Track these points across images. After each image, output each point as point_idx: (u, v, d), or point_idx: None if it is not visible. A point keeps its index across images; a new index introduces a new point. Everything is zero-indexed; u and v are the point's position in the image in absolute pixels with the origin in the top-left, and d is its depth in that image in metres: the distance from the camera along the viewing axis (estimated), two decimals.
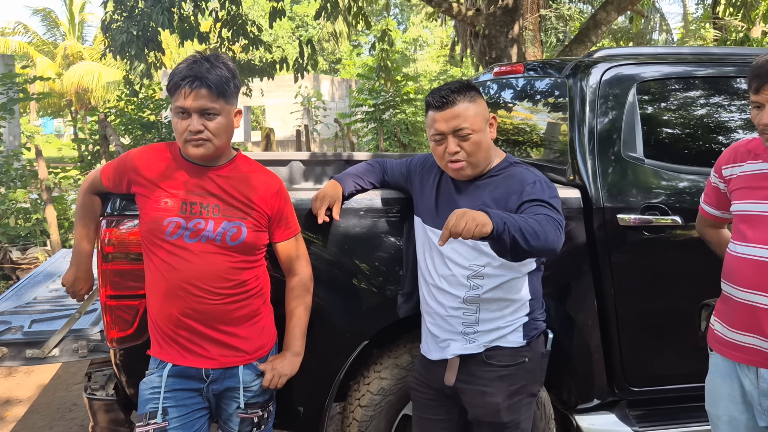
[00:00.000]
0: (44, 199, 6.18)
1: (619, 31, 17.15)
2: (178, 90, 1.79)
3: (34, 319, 2.58)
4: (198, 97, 1.78)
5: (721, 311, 1.92)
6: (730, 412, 1.87)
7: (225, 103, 1.83)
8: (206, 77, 1.78)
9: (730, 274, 1.86)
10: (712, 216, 2.08)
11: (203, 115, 1.80)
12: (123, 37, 7.55)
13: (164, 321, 1.88)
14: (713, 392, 1.94)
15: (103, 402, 2.25)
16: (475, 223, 1.54)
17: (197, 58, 1.84)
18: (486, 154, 1.95)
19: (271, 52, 10.38)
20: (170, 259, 1.85)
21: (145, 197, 1.90)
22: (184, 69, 1.80)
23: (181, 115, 1.80)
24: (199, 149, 1.82)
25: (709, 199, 2.08)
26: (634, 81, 2.48)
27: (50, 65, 24.35)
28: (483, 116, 1.93)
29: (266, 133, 12.28)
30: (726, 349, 1.87)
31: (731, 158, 1.94)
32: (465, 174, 1.95)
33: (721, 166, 1.97)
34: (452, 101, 1.89)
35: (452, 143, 1.90)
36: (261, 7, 28.18)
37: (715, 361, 1.94)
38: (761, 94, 1.72)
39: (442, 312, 2.00)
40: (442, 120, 1.90)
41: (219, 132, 1.83)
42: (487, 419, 1.97)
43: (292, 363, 2.00)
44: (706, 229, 2.16)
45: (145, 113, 8.49)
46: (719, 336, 1.91)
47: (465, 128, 1.88)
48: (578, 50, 7.24)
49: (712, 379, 1.94)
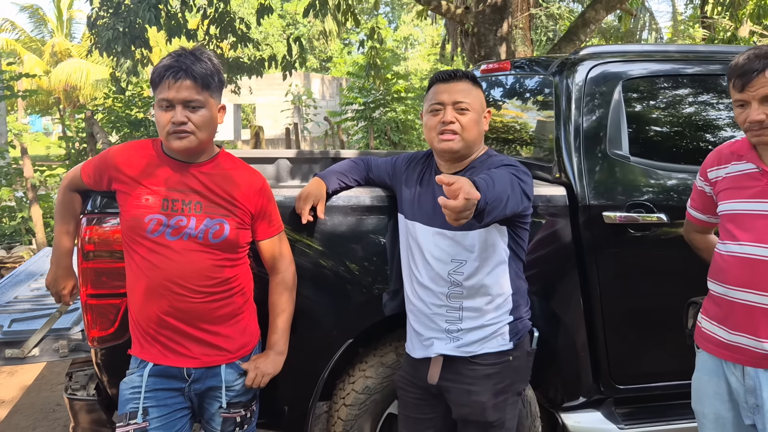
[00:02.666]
0: (30, 197, 6.12)
1: (608, 30, 17.22)
2: (162, 81, 1.78)
3: (14, 319, 2.55)
4: (182, 89, 1.77)
5: (709, 309, 1.91)
6: (717, 410, 1.87)
7: (209, 95, 1.82)
8: (191, 69, 1.77)
9: (719, 273, 1.85)
10: (699, 221, 2.08)
11: (187, 107, 1.79)
12: (109, 33, 7.45)
13: (146, 320, 1.85)
14: (699, 390, 1.94)
15: (84, 402, 2.23)
16: (468, 192, 1.49)
17: (182, 52, 1.83)
18: (476, 139, 1.98)
19: (260, 50, 10.32)
20: (151, 257, 1.82)
21: (125, 194, 1.87)
22: (169, 61, 1.79)
23: (165, 107, 1.79)
24: (182, 141, 1.80)
25: (695, 204, 2.07)
26: (620, 78, 2.47)
27: (38, 62, 24.10)
28: (481, 103, 2.01)
29: (256, 131, 12.22)
30: (713, 347, 1.87)
31: (716, 161, 1.94)
32: (453, 147, 1.94)
33: (707, 170, 1.97)
34: (459, 77, 2.00)
35: (450, 112, 1.95)
36: (250, 4, 28.08)
37: (702, 359, 1.93)
38: (746, 92, 1.72)
39: (425, 310, 1.99)
40: (445, 91, 1.97)
41: (202, 125, 1.81)
42: (473, 418, 1.96)
43: (276, 362, 1.98)
44: (694, 234, 2.15)
45: (133, 111, 8.44)
46: (707, 334, 1.90)
47: (465, 102, 1.95)
48: (567, 49, 7.24)
49: (699, 377, 1.94)
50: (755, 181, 1.79)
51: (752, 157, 1.82)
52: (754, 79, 1.70)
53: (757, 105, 1.71)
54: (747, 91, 1.72)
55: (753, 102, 1.72)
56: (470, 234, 1.91)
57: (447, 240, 1.93)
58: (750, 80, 1.71)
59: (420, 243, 1.99)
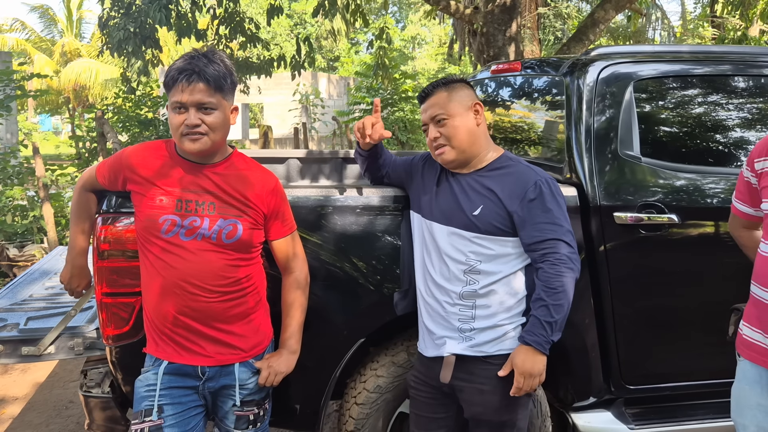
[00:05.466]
0: (41, 196, 6.17)
1: (617, 30, 17.14)
2: (175, 84, 1.80)
3: (29, 317, 2.58)
4: (195, 91, 1.78)
5: (751, 315, 1.80)
6: (759, 422, 1.77)
7: (222, 98, 1.84)
8: (204, 71, 1.79)
9: (760, 276, 1.75)
10: (746, 215, 1.96)
11: (200, 110, 1.80)
12: (120, 34, 7.51)
13: (161, 319, 1.87)
14: (740, 400, 1.83)
15: (99, 399, 2.25)
16: (537, 379, 1.86)
17: (194, 54, 1.84)
18: (471, 140, 1.99)
19: (269, 50, 10.35)
20: (166, 256, 1.84)
21: (140, 195, 1.89)
22: (182, 64, 1.81)
23: (178, 109, 1.81)
24: (195, 144, 1.81)
25: (741, 196, 1.95)
26: (631, 79, 2.47)
27: (48, 62, 24.27)
28: (461, 102, 2.00)
29: (264, 130, 12.25)
30: (755, 355, 1.77)
31: (764, 151, 1.81)
32: (447, 159, 2.00)
33: (754, 159, 1.84)
34: (430, 93, 2.04)
35: (432, 130, 2.02)
36: (259, 4, 28.12)
37: (743, 368, 1.82)
38: None
39: (438, 308, 2.00)
40: (423, 111, 2.04)
41: (216, 127, 1.83)
42: (485, 417, 1.97)
43: (288, 361, 1.99)
44: (740, 230, 2.03)
45: (143, 110, 8.48)
46: (748, 341, 1.80)
47: (440, 114, 1.99)
48: (576, 48, 7.23)
49: (740, 387, 1.84)
50: None
51: None
52: None
53: None
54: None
55: None
56: (488, 237, 1.93)
57: (464, 240, 1.95)
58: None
59: (437, 242, 2.00)
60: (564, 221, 1.91)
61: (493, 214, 1.92)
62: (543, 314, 1.84)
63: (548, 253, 1.86)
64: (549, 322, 1.83)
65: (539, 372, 1.85)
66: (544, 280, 1.86)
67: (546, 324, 1.83)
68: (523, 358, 1.84)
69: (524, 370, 1.84)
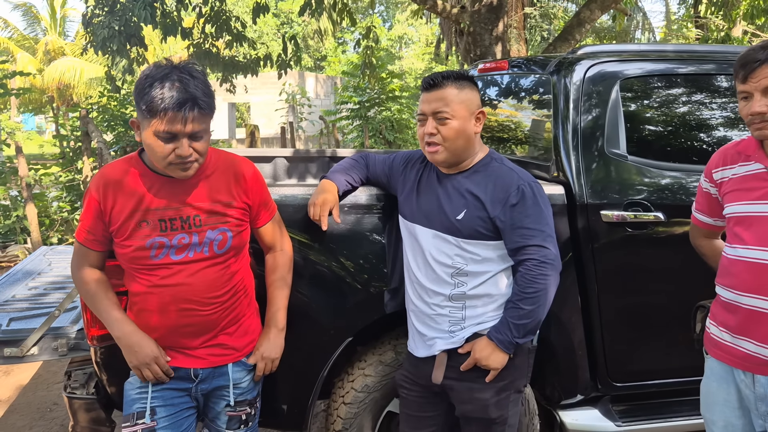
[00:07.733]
0: (24, 196, 6.09)
1: (602, 30, 17.26)
2: (165, 113, 1.61)
3: (12, 317, 2.55)
4: (189, 122, 1.63)
5: (717, 314, 1.85)
6: (726, 417, 1.82)
7: (210, 117, 1.73)
8: (197, 97, 1.64)
9: (725, 277, 1.79)
10: (706, 224, 2.01)
11: (191, 137, 1.67)
12: (104, 32, 7.42)
13: (151, 330, 1.83)
14: (708, 397, 1.88)
15: (83, 401, 2.23)
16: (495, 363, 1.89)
17: (175, 74, 1.64)
18: (466, 145, 1.95)
19: (255, 49, 10.29)
20: (157, 279, 1.78)
21: (121, 226, 1.77)
22: (169, 90, 1.61)
23: (167, 139, 1.65)
24: (187, 172, 1.72)
25: (700, 207, 2.01)
26: (617, 78, 2.49)
27: (31, 61, 23.96)
28: (468, 106, 1.93)
29: (251, 130, 12.19)
30: (722, 353, 1.81)
31: (721, 161, 1.87)
32: (438, 159, 1.96)
33: (712, 171, 1.90)
34: (439, 84, 1.92)
35: (430, 124, 1.93)
36: (245, 2, 27.98)
37: (711, 365, 1.87)
38: (748, 83, 1.66)
39: (428, 311, 1.99)
40: (426, 101, 1.94)
41: (205, 151, 1.74)
42: (476, 415, 1.97)
43: (278, 342, 1.97)
44: (700, 239, 2.08)
45: (128, 109, 8.40)
46: (715, 339, 1.84)
47: (444, 112, 1.90)
48: (562, 48, 7.26)
49: (708, 384, 1.88)
50: (763, 182, 1.72)
51: (760, 156, 1.75)
52: (756, 70, 1.64)
53: (760, 96, 1.65)
54: (749, 82, 1.65)
55: (755, 93, 1.65)
56: (472, 242, 1.92)
57: (449, 245, 1.94)
58: (752, 71, 1.64)
59: (421, 245, 1.99)
60: (545, 226, 1.89)
61: (476, 219, 1.91)
62: (512, 316, 1.87)
63: (528, 259, 1.87)
64: (516, 324, 1.86)
65: (494, 367, 1.89)
66: (521, 285, 1.88)
67: (513, 326, 1.86)
68: (482, 347, 1.89)
69: (480, 357, 1.89)
